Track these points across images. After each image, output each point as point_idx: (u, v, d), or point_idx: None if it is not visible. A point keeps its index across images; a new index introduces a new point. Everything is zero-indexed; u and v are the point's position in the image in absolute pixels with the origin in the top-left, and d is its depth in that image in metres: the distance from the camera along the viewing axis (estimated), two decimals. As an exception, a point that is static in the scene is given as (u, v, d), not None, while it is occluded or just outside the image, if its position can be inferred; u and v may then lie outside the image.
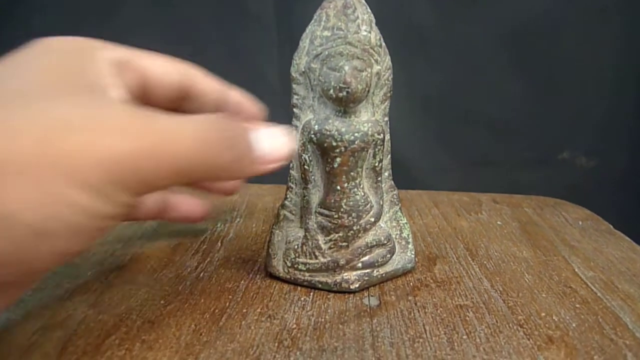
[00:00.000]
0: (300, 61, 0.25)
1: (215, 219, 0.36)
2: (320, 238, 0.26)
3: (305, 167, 0.26)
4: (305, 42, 0.25)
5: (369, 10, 0.24)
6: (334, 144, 0.24)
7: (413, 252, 0.28)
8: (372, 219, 0.26)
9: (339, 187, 0.25)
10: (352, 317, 0.24)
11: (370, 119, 0.25)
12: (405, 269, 0.28)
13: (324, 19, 0.24)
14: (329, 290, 0.26)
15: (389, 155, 0.27)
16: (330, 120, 0.24)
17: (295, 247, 0.26)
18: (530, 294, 0.26)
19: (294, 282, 0.26)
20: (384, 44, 0.25)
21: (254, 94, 0.26)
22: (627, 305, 0.25)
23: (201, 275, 0.28)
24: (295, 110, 0.26)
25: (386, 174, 0.27)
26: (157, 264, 0.29)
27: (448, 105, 0.53)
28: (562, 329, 0.23)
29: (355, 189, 0.25)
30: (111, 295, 0.25)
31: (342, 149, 0.24)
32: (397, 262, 0.27)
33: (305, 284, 0.26)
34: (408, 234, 0.28)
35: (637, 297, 0.26)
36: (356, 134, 0.24)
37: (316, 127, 0.25)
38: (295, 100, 0.26)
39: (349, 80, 0.23)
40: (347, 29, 0.24)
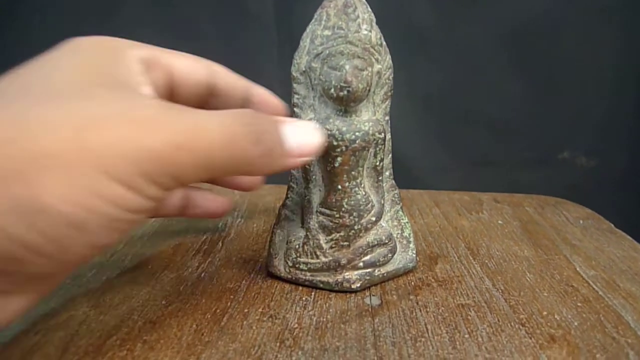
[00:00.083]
0: (300, 60, 0.25)
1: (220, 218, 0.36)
2: (322, 237, 0.26)
3: (306, 166, 0.26)
4: (305, 42, 0.25)
5: (369, 9, 0.24)
6: (334, 143, 0.24)
7: (414, 252, 0.28)
8: (373, 219, 0.26)
9: (340, 187, 0.25)
10: (354, 317, 0.24)
11: (371, 118, 0.25)
12: (407, 269, 0.28)
13: (325, 18, 0.24)
14: (331, 290, 0.26)
15: (390, 155, 0.27)
16: (331, 120, 0.24)
17: (297, 247, 0.26)
18: (532, 293, 0.26)
19: (296, 282, 0.26)
20: (384, 43, 0.25)
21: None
22: (628, 303, 0.25)
23: (202, 275, 0.27)
24: (295, 110, 0.26)
25: (387, 173, 0.27)
26: (158, 265, 0.29)
27: (449, 105, 0.53)
28: (564, 327, 0.23)
29: (356, 189, 0.25)
30: (112, 296, 0.25)
31: (343, 148, 0.24)
32: (398, 261, 0.27)
33: (306, 283, 0.26)
34: (409, 233, 0.28)
35: (639, 295, 0.26)
36: (357, 133, 0.24)
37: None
38: (295, 99, 0.26)
39: (349, 79, 0.23)
40: (347, 28, 0.24)
